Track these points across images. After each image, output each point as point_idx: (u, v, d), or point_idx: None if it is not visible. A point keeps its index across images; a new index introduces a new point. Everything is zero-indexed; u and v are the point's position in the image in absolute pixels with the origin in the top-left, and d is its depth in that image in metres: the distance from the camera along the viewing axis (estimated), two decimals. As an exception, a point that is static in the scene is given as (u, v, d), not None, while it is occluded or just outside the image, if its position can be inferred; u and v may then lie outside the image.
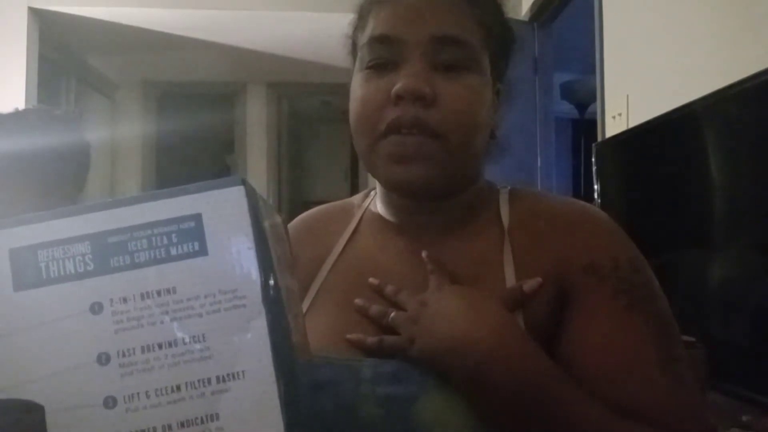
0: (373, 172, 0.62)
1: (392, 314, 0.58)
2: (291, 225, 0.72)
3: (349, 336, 0.58)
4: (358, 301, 0.61)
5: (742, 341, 1.00)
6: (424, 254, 0.61)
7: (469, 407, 0.51)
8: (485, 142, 0.63)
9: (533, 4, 2.74)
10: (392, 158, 0.58)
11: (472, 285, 0.58)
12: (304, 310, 0.63)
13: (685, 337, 0.86)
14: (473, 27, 0.60)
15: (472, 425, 0.51)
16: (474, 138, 0.60)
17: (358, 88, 0.61)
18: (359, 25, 0.65)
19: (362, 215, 0.70)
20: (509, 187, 0.67)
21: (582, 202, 0.64)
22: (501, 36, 0.65)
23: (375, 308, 0.59)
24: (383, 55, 0.59)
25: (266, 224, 0.38)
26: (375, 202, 0.70)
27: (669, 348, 0.54)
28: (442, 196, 0.63)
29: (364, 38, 0.62)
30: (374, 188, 0.72)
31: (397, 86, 0.57)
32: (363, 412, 0.53)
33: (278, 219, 0.44)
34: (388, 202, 0.67)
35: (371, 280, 0.62)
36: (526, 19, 2.82)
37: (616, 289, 0.55)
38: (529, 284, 0.56)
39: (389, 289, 0.60)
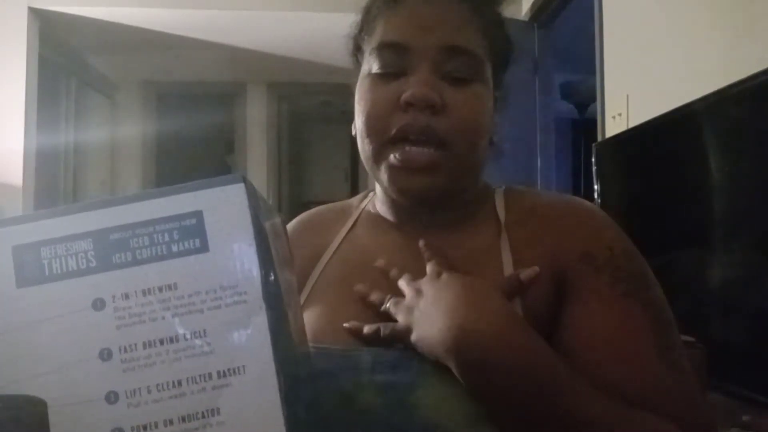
0: (376, 177, 0.63)
1: (389, 301, 0.58)
2: (291, 224, 0.73)
3: (346, 324, 0.58)
4: (359, 286, 0.61)
5: (742, 341, 1.00)
6: (421, 243, 0.62)
7: (468, 395, 0.51)
8: (486, 148, 0.64)
9: (533, 4, 2.75)
10: (399, 168, 0.59)
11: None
12: (302, 302, 0.63)
13: (685, 337, 0.86)
14: (479, 38, 0.61)
15: (471, 412, 0.51)
16: (477, 146, 0.61)
17: (365, 92, 0.62)
18: (365, 28, 0.66)
19: (360, 214, 0.71)
20: (504, 186, 0.68)
21: (575, 197, 0.66)
22: (502, 46, 0.66)
23: (374, 295, 0.60)
24: (392, 62, 0.60)
25: (266, 222, 0.39)
26: (373, 202, 0.71)
27: (666, 335, 0.54)
28: (442, 201, 0.63)
29: (372, 43, 0.63)
30: (372, 190, 0.73)
31: (407, 93, 0.58)
32: (362, 400, 0.54)
33: (277, 218, 0.45)
34: (387, 202, 0.68)
35: (379, 261, 0.62)
36: (526, 19, 2.82)
37: (612, 278, 0.56)
38: (526, 273, 0.56)
39: (394, 272, 0.60)
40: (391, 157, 0.59)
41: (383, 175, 0.61)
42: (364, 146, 0.62)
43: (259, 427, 0.34)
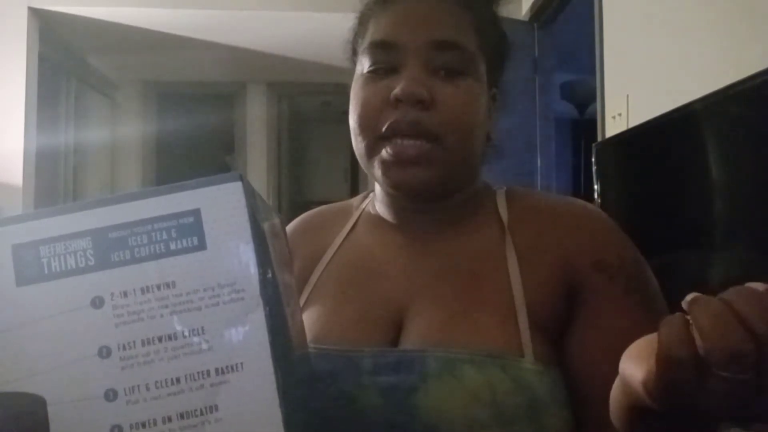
0: (371, 174, 0.63)
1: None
2: (291, 224, 0.74)
3: None
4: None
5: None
6: None
7: (469, 398, 0.51)
8: (481, 144, 0.64)
9: (533, 5, 2.74)
10: (391, 162, 0.59)
11: (476, 278, 0.59)
12: (302, 303, 0.63)
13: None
14: (470, 33, 0.62)
15: (472, 415, 0.51)
16: (470, 140, 0.61)
17: (358, 91, 0.62)
18: (359, 31, 0.66)
19: (360, 215, 0.72)
20: (505, 187, 0.68)
21: (580, 200, 0.65)
22: (497, 43, 0.66)
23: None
24: (382, 59, 0.61)
25: (264, 221, 0.39)
26: (373, 203, 0.72)
27: None
28: (439, 197, 0.63)
29: (364, 43, 0.63)
30: (372, 190, 0.73)
31: (396, 90, 0.58)
32: (363, 402, 0.54)
33: (276, 218, 0.45)
34: (386, 202, 0.68)
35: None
36: (526, 19, 2.82)
37: (626, 288, 0.56)
38: None
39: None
40: (383, 151, 0.59)
41: (377, 170, 0.61)
42: (357, 144, 0.63)
43: (257, 424, 0.34)
